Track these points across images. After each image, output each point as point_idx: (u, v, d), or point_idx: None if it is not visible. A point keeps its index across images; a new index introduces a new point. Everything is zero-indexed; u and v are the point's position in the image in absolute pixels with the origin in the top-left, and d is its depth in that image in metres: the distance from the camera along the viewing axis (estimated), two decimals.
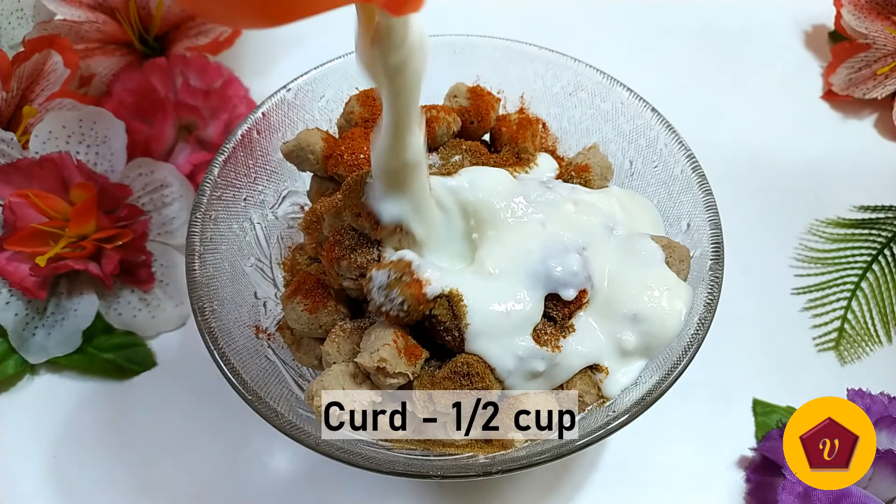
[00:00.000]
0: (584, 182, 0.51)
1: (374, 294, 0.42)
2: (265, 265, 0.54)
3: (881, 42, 0.73)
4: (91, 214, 0.58)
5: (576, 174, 0.52)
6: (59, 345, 0.59)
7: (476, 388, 0.42)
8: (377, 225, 0.43)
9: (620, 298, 0.45)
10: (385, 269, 0.42)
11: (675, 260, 0.46)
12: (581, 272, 0.44)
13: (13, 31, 0.67)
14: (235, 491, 0.55)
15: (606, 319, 0.45)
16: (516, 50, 0.58)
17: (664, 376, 0.43)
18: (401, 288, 0.41)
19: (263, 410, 0.42)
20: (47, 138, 0.60)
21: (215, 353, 0.44)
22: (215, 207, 0.50)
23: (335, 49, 0.56)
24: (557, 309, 0.44)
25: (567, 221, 0.46)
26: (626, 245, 0.47)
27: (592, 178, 0.52)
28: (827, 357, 0.62)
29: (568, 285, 0.43)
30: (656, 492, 0.55)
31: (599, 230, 0.47)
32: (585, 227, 0.46)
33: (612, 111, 0.57)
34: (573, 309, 0.45)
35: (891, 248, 0.67)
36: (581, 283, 0.44)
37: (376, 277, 0.42)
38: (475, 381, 0.42)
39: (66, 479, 0.55)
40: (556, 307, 0.44)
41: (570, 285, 0.43)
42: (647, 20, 0.85)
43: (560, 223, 0.46)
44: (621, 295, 0.45)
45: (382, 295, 0.41)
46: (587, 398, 0.45)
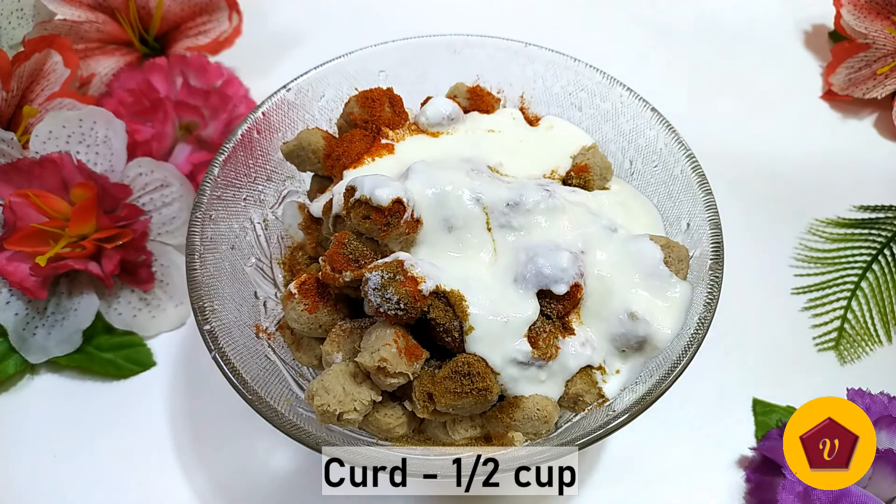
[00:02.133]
0: (583, 182, 0.51)
1: (370, 296, 0.42)
2: (265, 265, 0.54)
3: (881, 42, 0.73)
4: (91, 214, 0.58)
5: (575, 174, 0.52)
6: (59, 345, 0.59)
7: (476, 388, 0.42)
8: (387, 227, 0.43)
9: (618, 298, 0.45)
10: (378, 271, 0.42)
11: (673, 259, 0.46)
12: (570, 268, 0.44)
13: (13, 31, 0.67)
14: (235, 490, 0.55)
15: (604, 319, 0.45)
16: (516, 50, 0.58)
17: (664, 376, 0.43)
18: (395, 287, 0.41)
19: (264, 410, 0.42)
20: (47, 138, 0.60)
21: (215, 352, 0.44)
22: (215, 207, 0.50)
23: (335, 49, 0.56)
24: (552, 306, 0.44)
25: (567, 224, 0.46)
26: (625, 245, 0.47)
27: (592, 178, 0.52)
28: (827, 357, 0.62)
29: (558, 281, 0.43)
30: (656, 491, 0.55)
31: (600, 231, 0.47)
32: (586, 228, 0.46)
33: (612, 111, 0.57)
34: (568, 307, 0.45)
35: (891, 248, 0.67)
36: (571, 277, 0.44)
37: (371, 279, 0.42)
38: (476, 381, 0.42)
39: (65, 479, 0.55)
40: (551, 304, 0.44)
41: (561, 281, 0.43)
42: (647, 21, 0.86)
43: (561, 226, 0.46)
44: (619, 295, 0.45)
45: (378, 296, 0.41)
46: (587, 397, 0.45)
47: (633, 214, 0.51)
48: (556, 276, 0.43)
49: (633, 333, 0.45)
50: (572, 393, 0.45)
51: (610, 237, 0.47)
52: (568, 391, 0.45)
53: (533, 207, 0.46)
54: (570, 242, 0.45)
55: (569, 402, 0.45)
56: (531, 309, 0.43)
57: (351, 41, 0.57)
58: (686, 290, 0.46)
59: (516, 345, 0.43)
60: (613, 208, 0.50)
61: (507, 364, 0.43)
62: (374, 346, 0.42)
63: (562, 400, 0.45)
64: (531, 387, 0.44)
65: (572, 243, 0.45)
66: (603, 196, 0.51)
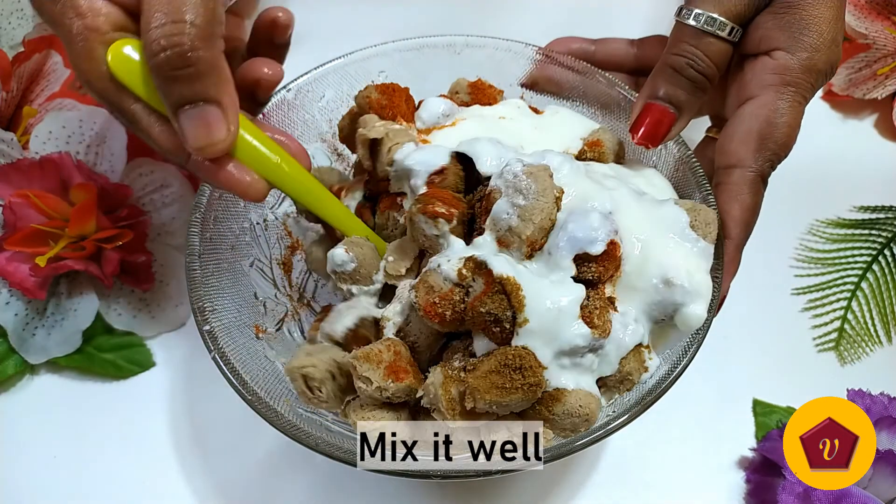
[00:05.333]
0: (597, 156, 0.51)
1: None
2: (265, 265, 0.54)
3: (881, 42, 0.73)
4: (91, 215, 0.58)
5: (589, 149, 0.51)
6: (59, 345, 0.59)
7: (528, 383, 0.39)
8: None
9: (654, 264, 0.43)
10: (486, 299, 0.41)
11: (700, 223, 0.45)
12: (602, 226, 0.42)
13: (13, 31, 0.67)
14: (235, 490, 0.55)
15: (639, 289, 0.44)
16: (517, 51, 0.58)
17: (664, 376, 0.43)
18: (492, 300, 0.40)
19: (263, 410, 0.42)
20: (47, 138, 0.60)
21: (215, 353, 0.44)
22: (215, 207, 0.50)
23: (335, 49, 0.56)
24: (591, 269, 0.42)
25: (592, 189, 0.45)
26: (652, 209, 0.45)
27: (605, 151, 0.51)
28: (827, 357, 0.62)
29: (593, 241, 0.41)
30: (656, 492, 0.55)
31: (629, 193, 0.46)
32: (613, 191, 0.45)
33: (614, 111, 0.57)
34: (610, 267, 0.42)
35: (891, 248, 0.67)
36: (606, 235, 0.42)
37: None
38: (527, 376, 0.39)
39: (65, 479, 0.55)
40: (591, 267, 0.42)
41: (596, 240, 0.41)
42: (647, 21, 0.85)
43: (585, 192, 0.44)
44: (654, 260, 0.43)
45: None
46: (635, 376, 0.43)
47: (654, 185, 0.50)
48: (590, 237, 0.41)
49: (669, 301, 0.43)
50: (625, 371, 0.43)
51: (639, 200, 0.46)
52: (622, 369, 0.43)
53: (559, 167, 0.44)
54: (600, 204, 0.44)
55: (617, 382, 0.43)
56: (578, 288, 0.41)
57: (351, 41, 0.57)
58: (711, 254, 0.45)
59: (574, 329, 0.40)
60: (635, 177, 0.50)
61: (559, 355, 0.41)
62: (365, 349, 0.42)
63: (610, 379, 0.43)
64: (575, 378, 0.42)
65: (601, 205, 0.44)
66: (622, 167, 0.51)
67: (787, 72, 0.48)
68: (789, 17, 0.48)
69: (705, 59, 0.48)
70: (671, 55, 0.49)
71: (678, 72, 0.49)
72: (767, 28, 0.48)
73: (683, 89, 0.49)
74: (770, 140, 0.48)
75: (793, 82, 0.48)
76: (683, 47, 0.49)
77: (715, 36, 0.48)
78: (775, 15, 0.48)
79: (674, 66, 0.49)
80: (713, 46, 0.48)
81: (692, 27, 0.48)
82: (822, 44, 0.48)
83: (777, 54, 0.48)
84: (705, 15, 0.48)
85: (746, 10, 0.48)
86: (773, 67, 0.48)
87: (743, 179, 0.48)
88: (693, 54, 0.48)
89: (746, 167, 0.48)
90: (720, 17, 0.48)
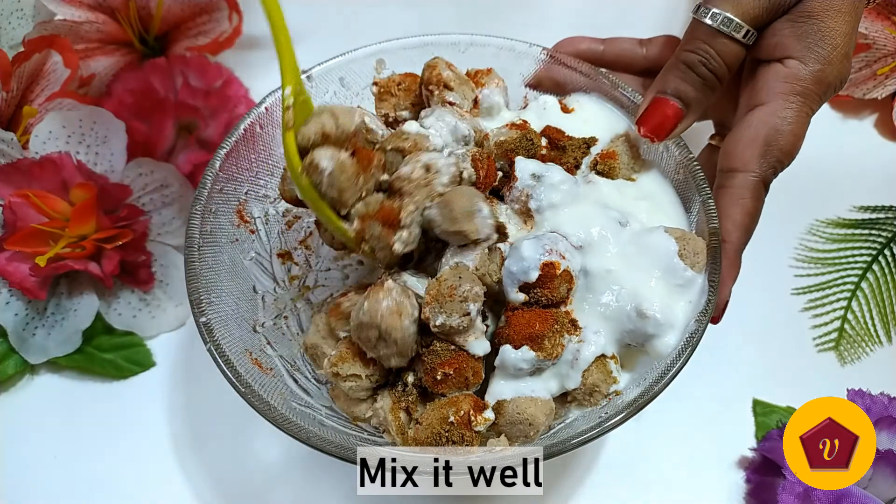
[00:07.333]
0: (607, 169, 0.51)
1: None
2: (265, 259, 0.54)
3: (881, 42, 0.73)
4: (91, 214, 0.58)
5: (601, 160, 0.51)
6: (59, 345, 0.59)
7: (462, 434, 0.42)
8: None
9: (627, 294, 0.44)
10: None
11: (689, 252, 0.45)
12: (531, 255, 0.43)
13: (13, 31, 0.67)
14: (235, 490, 0.55)
15: (610, 318, 0.44)
16: (522, 51, 0.58)
17: (659, 377, 0.42)
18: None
19: (256, 403, 0.42)
20: (47, 138, 0.60)
21: (210, 345, 0.44)
22: (216, 201, 0.50)
23: (335, 49, 0.56)
24: (536, 294, 0.43)
25: (569, 220, 0.46)
26: (637, 239, 0.46)
27: (617, 166, 0.51)
28: (827, 357, 0.62)
29: (526, 270, 0.43)
30: (656, 492, 0.55)
31: (609, 224, 0.46)
32: (592, 222, 0.46)
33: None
34: (553, 288, 0.43)
35: (891, 248, 0.67)
36: (536, 262, 0.43)
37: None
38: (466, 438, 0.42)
39: (65, 479, 0.55)
40: (536, 293, 0.43)
41: (528, 269, 0.43)
42: (647, 21, 0.85)
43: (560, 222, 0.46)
44: (627, 291, 0.44)
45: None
46: (603, 388, 0.44)
47: (659, 207, 0.50)
48: (523, 268, 0.43)
49: (641, 331, 0.44)
50: (589, 383, 0.44)
51: (622, 232, 0.46)
52: (585, 381, 0.44)
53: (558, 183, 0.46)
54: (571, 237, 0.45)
55: (585, 394, 0.44)
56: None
57: (350, 41, 0.57)
58: (697, 284, 0.45)
59: (518, 353, 0.42)
60: (635, 202, 0.50)
61: (503, 375, 0.43)
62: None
63: (578, 392, 0.44)
64: (514, 386, 0.44)
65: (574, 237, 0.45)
66: (628, 187, 0.51)
67: (798, 81, 0.48)
68: (807, 27, 0.47)
69: (718, 59, 0.48)
70: (684, 51, 0.49)
71: (690, 68, 0.49)
72: (784, 35, 0.48)
73: (693, 86, 0.49)
74: (775, 147, 0.48)
75: (802, 92, 0.48)
76: (697, 45, 0.49)
77: (730, 37, 0.48)
78: (793, 23, 0.48)
79: (686, 62, 0.49)
80: (727, 47, 0.48)
81: (708, 26, 0.48)
82: (835, 57, 0.48)
83: (790, 63, 0.48)
84: (722, 15, 0.48)
85: (764, 14, 0.48)
86: (785, 76, 0.48)
87: (745, 184, 0.48)
88: (706, 52, 0.48)
89: (750, 172, 0.48)
90: (737, 18, 0.47)
